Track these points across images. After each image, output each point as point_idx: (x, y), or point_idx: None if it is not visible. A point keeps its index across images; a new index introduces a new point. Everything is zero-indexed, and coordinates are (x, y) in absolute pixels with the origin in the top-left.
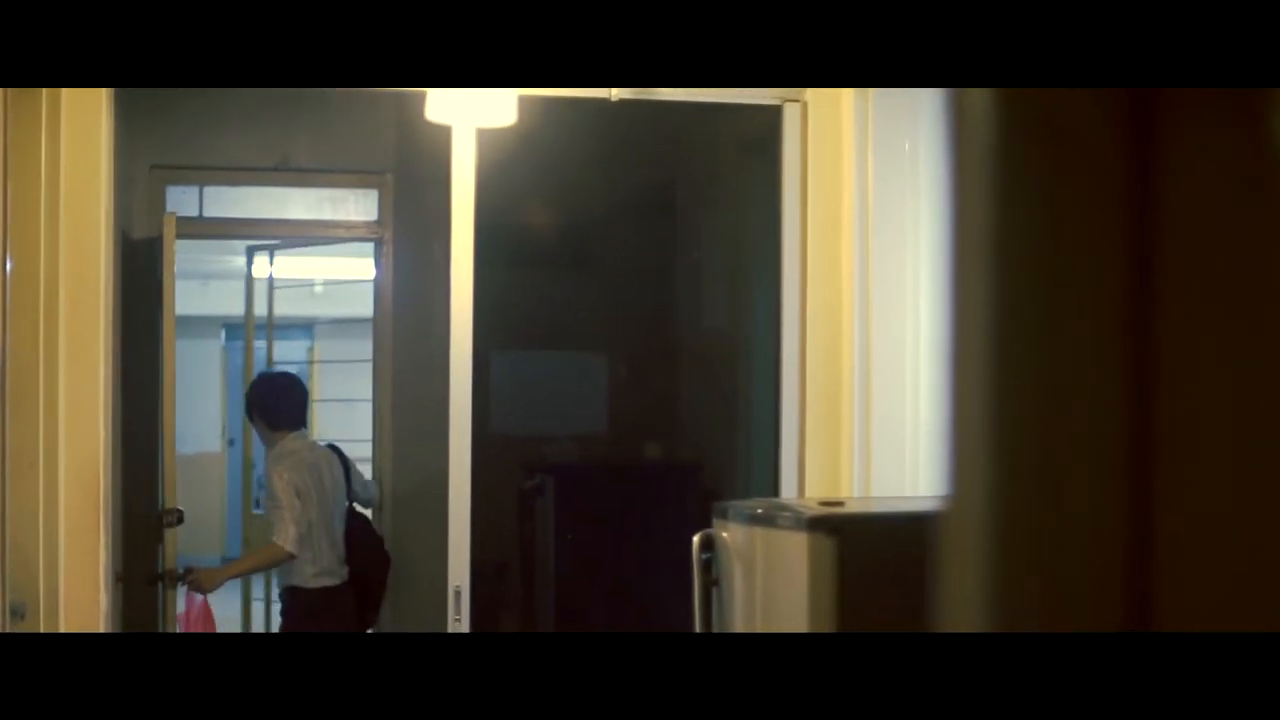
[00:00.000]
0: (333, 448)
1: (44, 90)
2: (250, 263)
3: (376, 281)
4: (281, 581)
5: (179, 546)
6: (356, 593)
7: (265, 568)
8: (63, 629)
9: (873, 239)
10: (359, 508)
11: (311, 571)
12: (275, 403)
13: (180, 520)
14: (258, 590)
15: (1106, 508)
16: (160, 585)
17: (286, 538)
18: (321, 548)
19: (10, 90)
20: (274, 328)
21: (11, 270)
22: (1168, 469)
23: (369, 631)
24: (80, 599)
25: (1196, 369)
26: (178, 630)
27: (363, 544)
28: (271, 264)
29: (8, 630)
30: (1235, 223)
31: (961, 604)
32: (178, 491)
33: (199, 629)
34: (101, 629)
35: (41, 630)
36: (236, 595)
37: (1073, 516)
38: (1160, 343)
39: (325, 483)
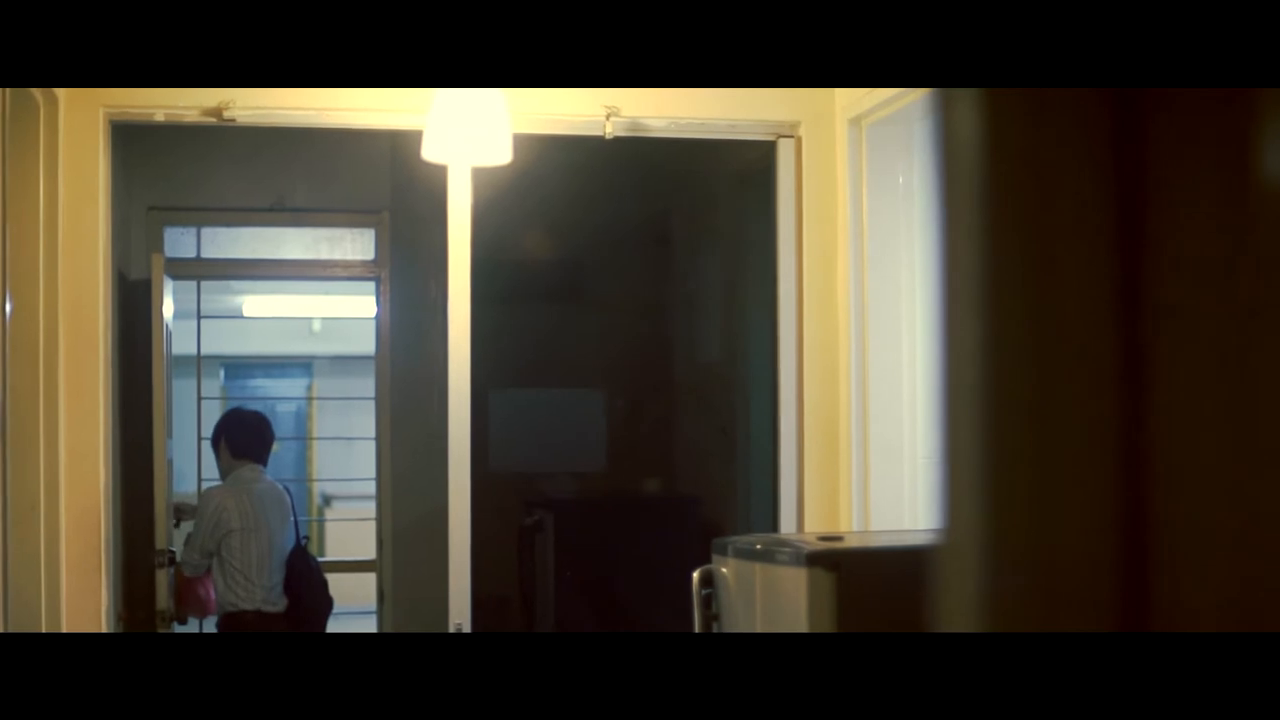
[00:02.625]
0: (285, 489)
1: (41, 132)
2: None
3: (377, 319)
4: (219, 609)
5: None
6: (296, 627)
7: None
8: None
9: (868, 271)
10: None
11: (244, 601)
12: (244, 434)
13: (172, 561)
14: None
15: (1100, 537)
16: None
17: (184, 562)
18: (264, 573)
19: (8, 132)
20: (273, 365)
21: (11, 313)
22: (1161, 493)
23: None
24: None
25: (1189, 383)
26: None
27: (310, 582)
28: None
29: None
30: (1226, 230)
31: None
32: (178, 530)
33: (195, 597)
34: None
35: None
36: None
37: (1067, 547)
38: (1152, 357)
39: (271, 515)
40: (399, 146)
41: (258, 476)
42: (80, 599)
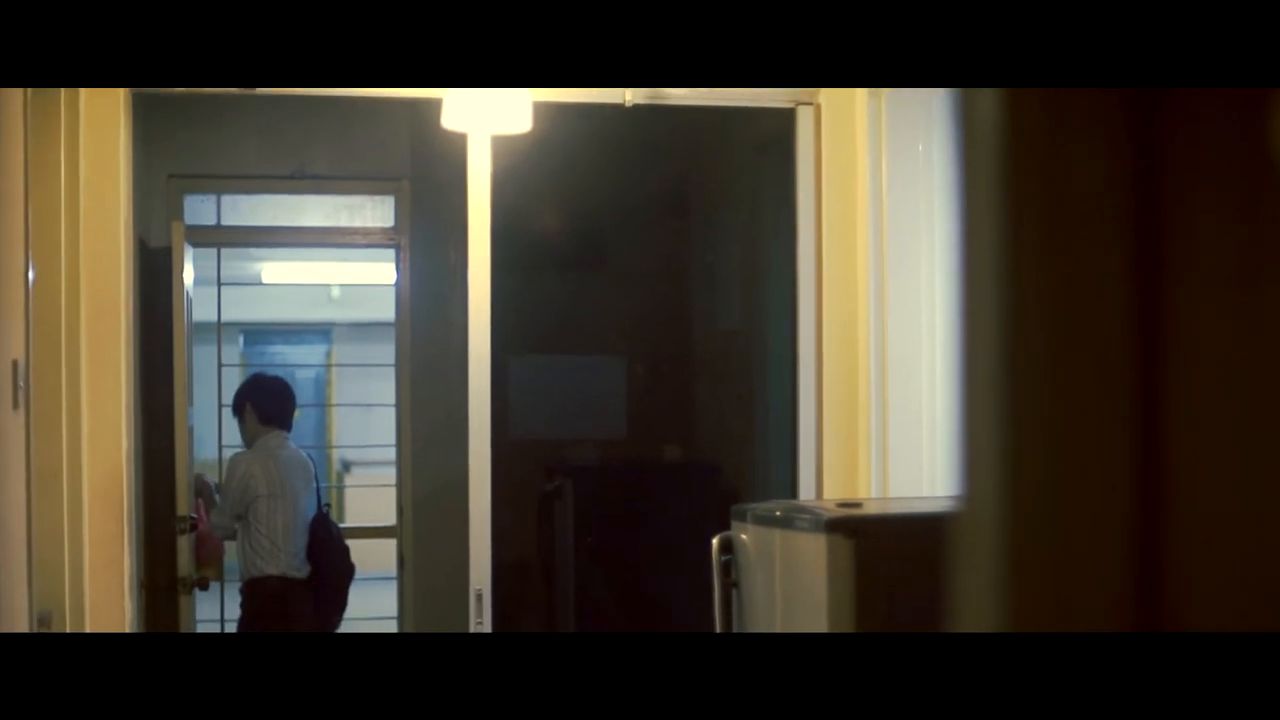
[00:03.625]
0: (302, 453)
1: (62, 102)
2: None
3: (397, 286)
4: (242, 574)
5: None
6: (320, 593)
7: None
8: None
9: (887, 240)
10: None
11: (270, 566)
12: (270, 400)
13: (193, 529)
14: None
15: (1117, 506)
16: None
17: (215, 525)
18: (284, 541)
19: (30, 103)
20: (291, 332)
21: (34, 281)
22: (1177, 465)
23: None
24: (105, 606)
25: (1205, 371)
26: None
27: (332, 549)
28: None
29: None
30: (1243, 224)
31: (974, 604)
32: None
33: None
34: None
35: None
36: None
37: (1084, 516)
38: (1169, 344)
39: (296, 482)
40: (419, 115)
41: (283, 443)
42: (103, 567)
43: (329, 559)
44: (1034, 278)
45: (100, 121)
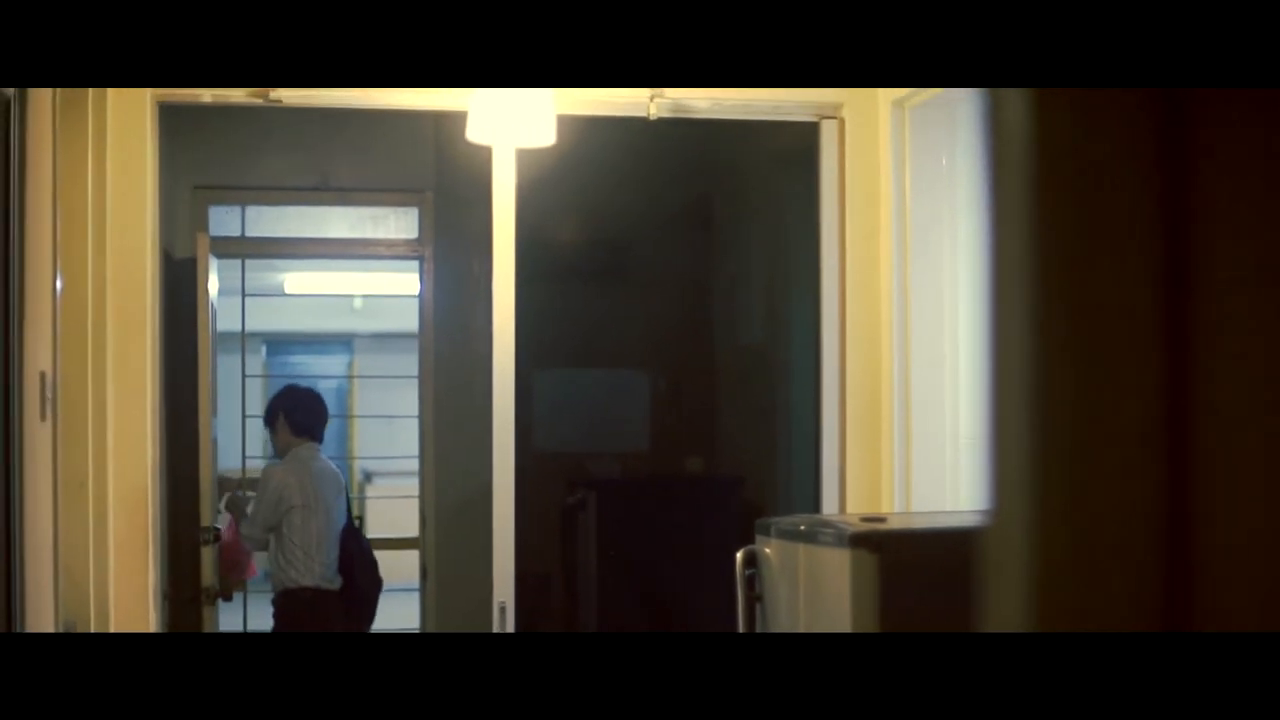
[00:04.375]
0: (332, 466)
1: (90, 114)
2: None
3: (421, 298)
4: (275, 586)
5: None
6: (350, 606)
7: (234, 539)
8: None
9: (910, 253)
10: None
11: (304, 577)
12: (304, 412)
13: (217, 539)
14: None
15: (1147, 523)
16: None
17: (247, 536)
18: (318, 552)
19: (58, 116)
20: (314, 342)
21: (62, 290)
22: (1206, 481)
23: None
24: (129, 616)
25: (1235, 376)
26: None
27: (362, 561)
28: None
29: None
30: (1272, 227)
31: (1004, 620)
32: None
33: (239, 549)
34: None
35: None
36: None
37: (1115, 532)
38: (1198, 352)
39: (328, 493)
40: (443, 127)
41: (315, 455)
42: (128, 576)
43: (360, 571)
44: (1063, 286)
45: (127, 133)
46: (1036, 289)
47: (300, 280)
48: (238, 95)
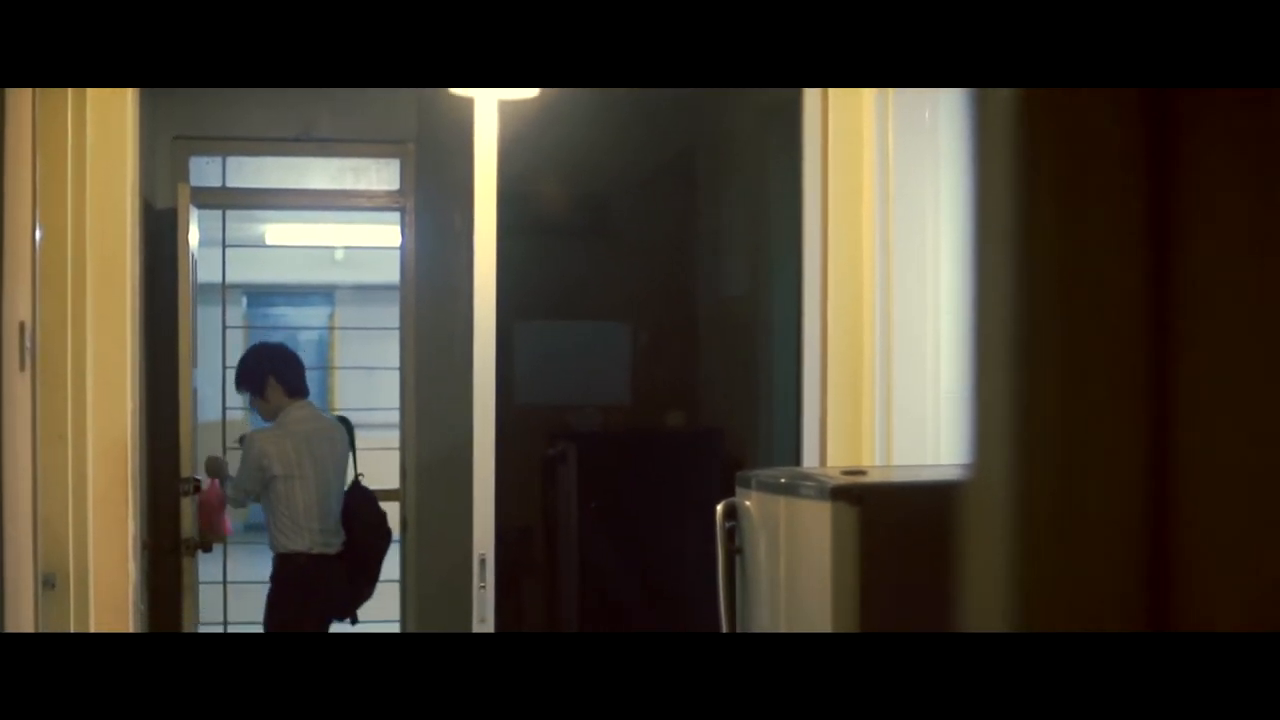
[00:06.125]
0: (343, 420)
1: None
2: None
3: (402, 250)
4: (272, 547)
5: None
6: (353, 564)
7: (222, 497)
8: (92, 598)
9: (894, 207)
10: (364, 482)
11: (295, 543)
12: (292, 369)
13: (197, 489)
14: None
15: (1128, 477)
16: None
17: (230, 498)
18: (309, 518)
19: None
20: (295, 294)
21: (41, 241)
22: (1185, 433)
23: (360, 604)
24: (109, 568)
25: (1216, 342)
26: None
27: (366, 519)
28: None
29: (40, 600)
30: (1252, 219)
31: (984, 572)
32: (202, 458)
33: (214, 507)
34: (130, 597)
35: (72, 600)
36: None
37: (1095, 483)
38: (1181, 312)
39: (321, 453)
40: None
41: (308, 415)
42: (107, 527)
43: (360, 530)
44: (1048, 243)
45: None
46: (1022, 248)
47: (281, 232)
48: None
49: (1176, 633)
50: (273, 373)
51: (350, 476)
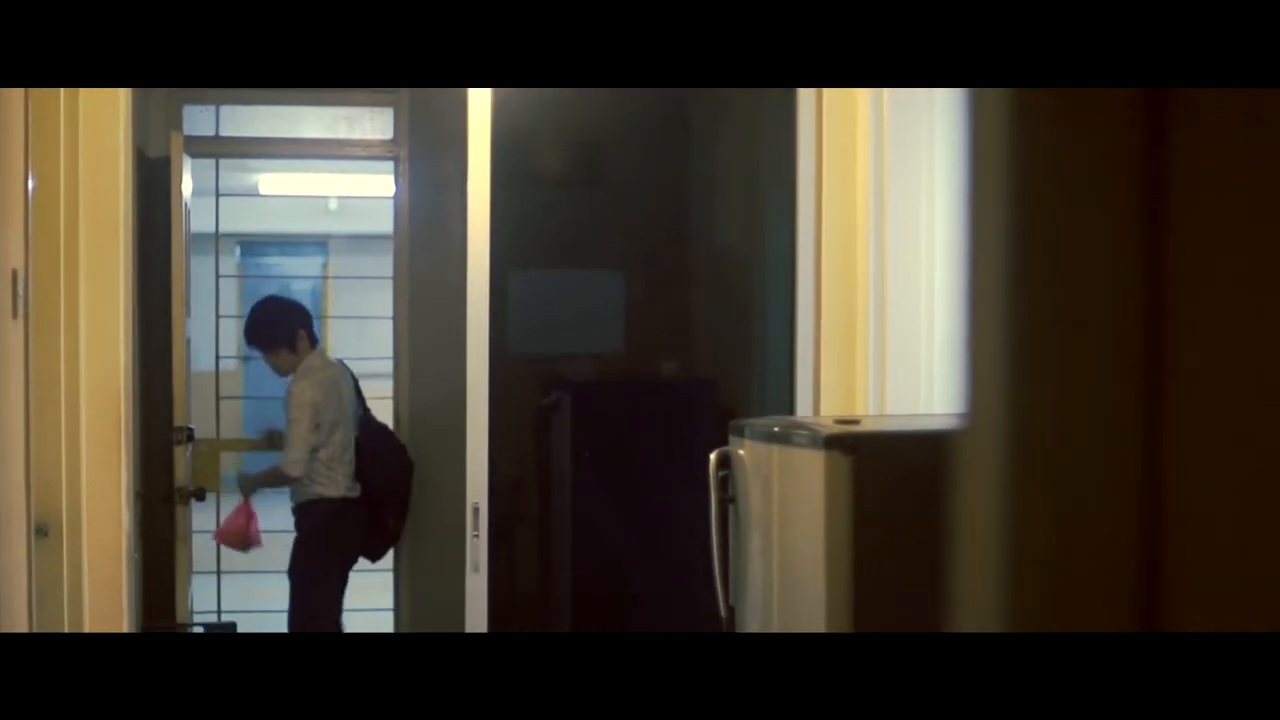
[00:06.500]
0: (341, 364)
1: None
2: None
3: (396, 199)
4: (295, 499)
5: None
6: (377, 503)
7: (272, 486)
8: (86, 547)
9: (888, 156)
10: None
11: (329, 489)
12: (303, 321)
13: (190, 438)
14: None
15: (1124, 421)
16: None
17: (293, 462)
18: (340, 463)
19: None
20: (288, 243)
21: (33, 190)
22: (1182, 382)
23: (391, 544)
24: (102, 517)
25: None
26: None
27: (385, 453)
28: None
29: (33, 549)
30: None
31: (977, 522)
32: (195, 408)
33: (240, 525)
34: (123, 546)
35: (65, 548)
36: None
37: (1089, 433)
38: (1175, 254)
39: (346, 397)
40: None
41: (325, 362)
42: (101, 476)
43: (385, 466)
44: (1043, 190)
45: None
46: (1016, 199)
47: (275, 181)
48: None
49: (1172, 623)
50: (303, 325)
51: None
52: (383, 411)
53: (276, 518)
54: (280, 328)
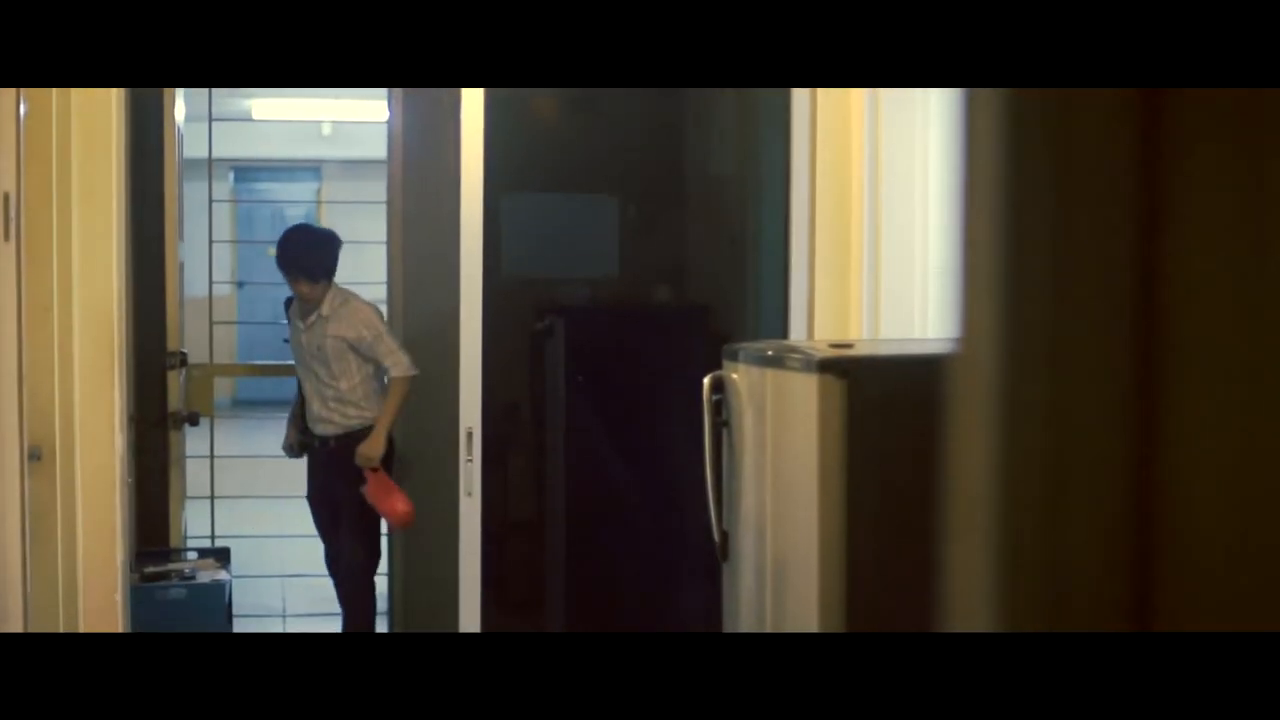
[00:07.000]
0: None
1: None
2: None
3: (389, 124)
4: (328, 430)
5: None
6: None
7: (404, 404)
8: (79, 471)
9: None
10: None
11: (371, 413)
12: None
13: (184, 363)
14: None
15: (1116, 345)
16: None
17: (408, 364)
18: (376, 387)
19: None
20: (281, 169)
21: (25, 115)
22: (1172, 310)
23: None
24: (96, 441)
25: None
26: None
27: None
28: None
29: (26, 473)
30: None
31: (969, 445)
32: (189, 333)
33: (383, 500)
34: (116, 470)
35: (59, 472)
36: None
37: (1082, 356)
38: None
39: None
40: None
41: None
42: (94, 400)
43: None
44: (1038, 117)
45: None
46: (1012, 123)
47: (268, 107)
48: None
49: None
50: (332, 257)
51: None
52: None
53: (262, 444)
54: (332, 258)
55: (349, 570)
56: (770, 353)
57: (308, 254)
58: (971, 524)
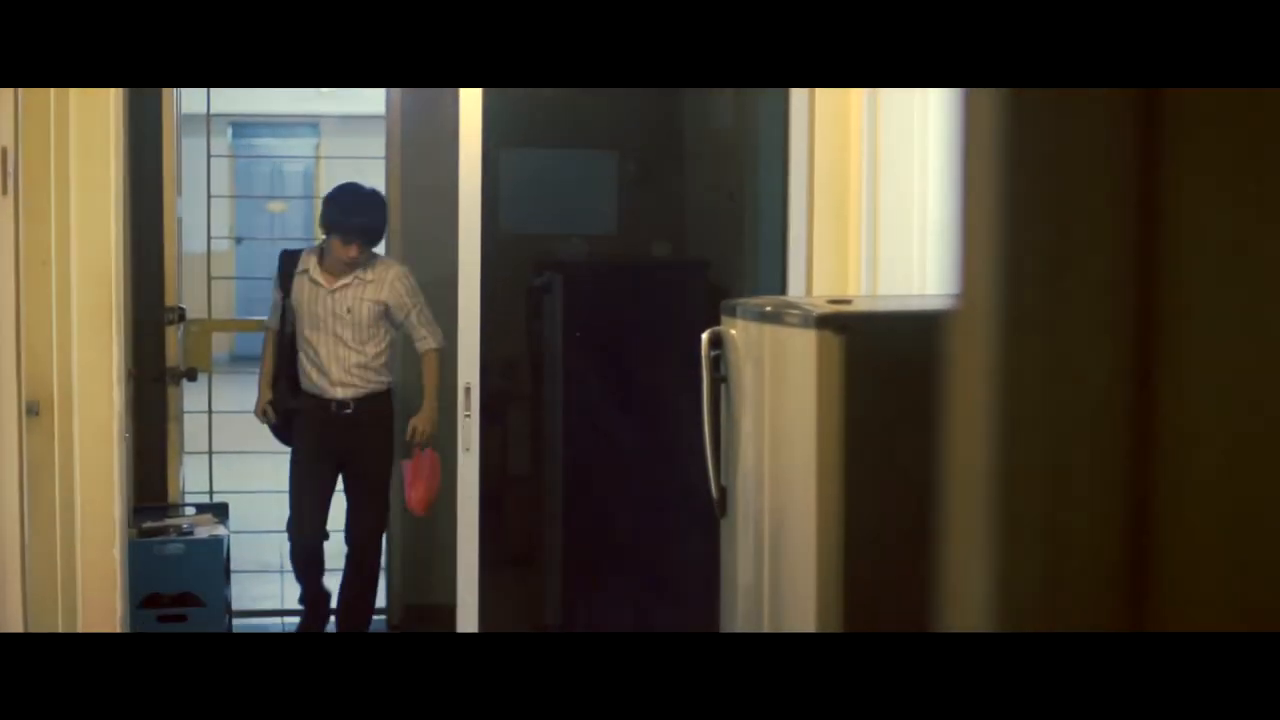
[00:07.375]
0: None
1: None
2: None
3: None
4: (350, 393)
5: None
6: None
7: (438, 378)
8: (77, 426)
9: None
10: None
11: (388, 373)
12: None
13: (182, 318)
14: None
15: (1117, 298)
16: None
17: (441, 335)
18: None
19: None
20: (280, 124)
21: None
22: (1172, 262)
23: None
24: (93, 396)
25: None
26: (405, 479)
27: None
28: None
29: (24, 427)
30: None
31: (968, 400)
32: (187, 288)
33: (419, 480)
34: (114, 425)
35: (56, 427)
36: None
37: (1082, 309)
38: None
39: None
40: None
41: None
42: (91, 355)
43: None
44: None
45: None
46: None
47: None
48: None
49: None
50: (382, 220)
51: None
52: None
53: (245, 399)
54: (385, 220)
55: (366, 531)
56: (769, 308)
57: (370, 216)
58: (969, 490)
